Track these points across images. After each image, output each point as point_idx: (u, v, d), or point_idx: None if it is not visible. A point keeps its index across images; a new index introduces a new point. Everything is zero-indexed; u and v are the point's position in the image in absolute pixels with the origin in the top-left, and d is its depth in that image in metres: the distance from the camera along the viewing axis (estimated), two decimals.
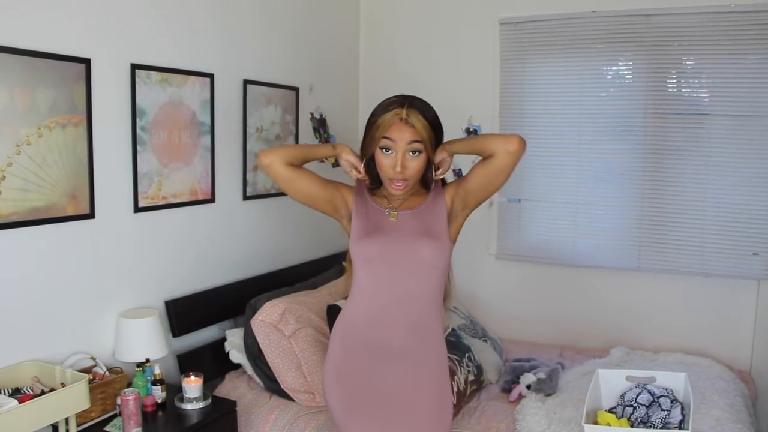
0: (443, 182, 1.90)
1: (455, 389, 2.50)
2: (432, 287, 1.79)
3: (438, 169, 1.80)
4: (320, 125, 3.47)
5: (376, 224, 1.80)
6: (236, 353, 2.72)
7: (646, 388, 2.24)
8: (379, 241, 1.77)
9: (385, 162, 1.74)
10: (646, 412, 2.17)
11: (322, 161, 3.44)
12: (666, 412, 2.13)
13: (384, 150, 1.73)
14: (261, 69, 3.08)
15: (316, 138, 3.45)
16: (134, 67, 2.39)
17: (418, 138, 1.70)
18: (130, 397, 2.06)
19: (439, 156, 1.78)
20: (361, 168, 1.82)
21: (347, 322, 1.86)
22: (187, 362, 2.61)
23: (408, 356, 1.79)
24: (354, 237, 1.81)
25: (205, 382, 2.34)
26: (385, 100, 1.76)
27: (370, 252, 1.77)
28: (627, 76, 3.35)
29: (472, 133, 3.53)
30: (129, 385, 2.27)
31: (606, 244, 3.43)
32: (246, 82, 2.97)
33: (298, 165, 1.82)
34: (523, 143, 1.66)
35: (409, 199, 1.84)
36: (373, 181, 1.87)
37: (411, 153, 1.72)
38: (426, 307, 1.79)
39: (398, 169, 1.71)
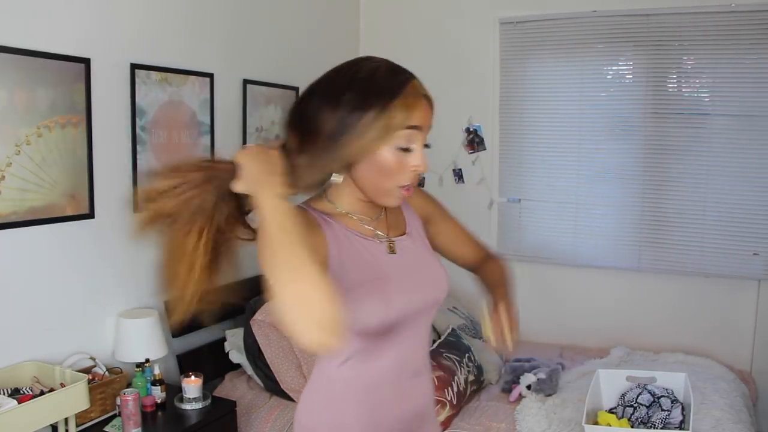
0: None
1: (455, 389, 2.50)
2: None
3: None
4: None
5: (376, 271, 1.19)
6: (236, 353, 2.72)
7: (646, 389, 2.24)
8: (396, 303, 1.18)
9: (402, 162, 1.13)
10: (647, 413, 2.17)
11: None
12: (666, 413, 2.13)
13: (402, 150, 1.13)
14: (261, 69, 3.07)
15: None
16: (134, 67, 2.39)
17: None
18: (130, 398, 2.06)
19: None
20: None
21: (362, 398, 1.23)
22: (186, 362, 2.61)
23: (429, 418, 1.35)
24: (352, 301, 1.10)
25: (204, 383, 2.34)
26: (375, 70, 1.17)
27: (390, 319, 1.18)
28: (627, 76, 3.34)
29: (472, 132, 3.53)
30: (129, 385, 2.27)
31: (606, 244, 3.43)
32: (246, 81, 2.96)
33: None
34: None
35: (381, 216, 1.27)
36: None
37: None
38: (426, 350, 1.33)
39: (423, 168, 1.16)
